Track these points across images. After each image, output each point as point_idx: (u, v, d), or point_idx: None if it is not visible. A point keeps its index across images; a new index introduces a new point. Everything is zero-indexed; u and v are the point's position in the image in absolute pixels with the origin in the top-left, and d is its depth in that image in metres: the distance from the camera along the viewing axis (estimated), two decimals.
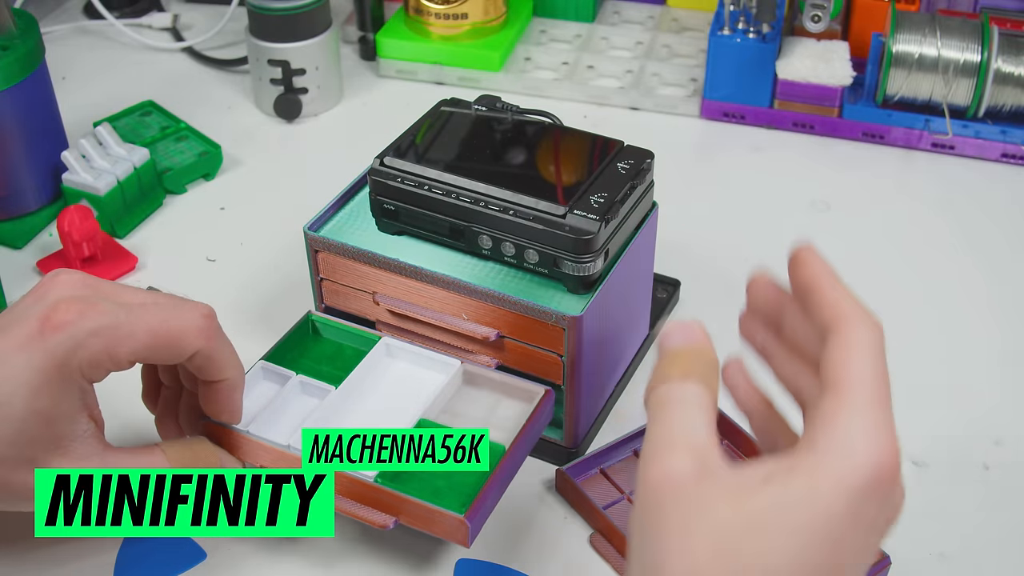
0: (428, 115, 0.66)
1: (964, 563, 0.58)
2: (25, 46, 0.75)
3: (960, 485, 0.62)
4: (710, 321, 0.73)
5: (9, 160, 0.77)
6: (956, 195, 0.84)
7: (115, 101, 0.92)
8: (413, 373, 0.61)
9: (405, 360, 0.61)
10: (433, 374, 0.60)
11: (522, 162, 0.62)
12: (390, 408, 0.58)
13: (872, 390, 0.41)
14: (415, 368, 0.61)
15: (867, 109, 0.88)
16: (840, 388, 0.41)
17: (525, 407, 0.58)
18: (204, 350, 0.53)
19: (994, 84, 0.83)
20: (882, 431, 0.40)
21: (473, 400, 0.59)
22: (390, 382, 0.60)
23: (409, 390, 0.59)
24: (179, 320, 0.52)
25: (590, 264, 0.58)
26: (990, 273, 0.77)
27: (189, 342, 0.52)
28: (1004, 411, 0.67)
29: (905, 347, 0.71)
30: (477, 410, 0.59)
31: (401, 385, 0.60)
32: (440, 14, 0.96)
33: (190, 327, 0.52)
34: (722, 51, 0.89)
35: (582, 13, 1.02)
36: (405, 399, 0.59)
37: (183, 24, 1.06)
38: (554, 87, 0.95)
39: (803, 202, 0.83)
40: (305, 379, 0.59)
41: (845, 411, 0.40)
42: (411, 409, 0.57)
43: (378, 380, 0.60)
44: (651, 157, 0.62)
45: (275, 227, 0.80)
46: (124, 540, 0.59)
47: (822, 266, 0.46)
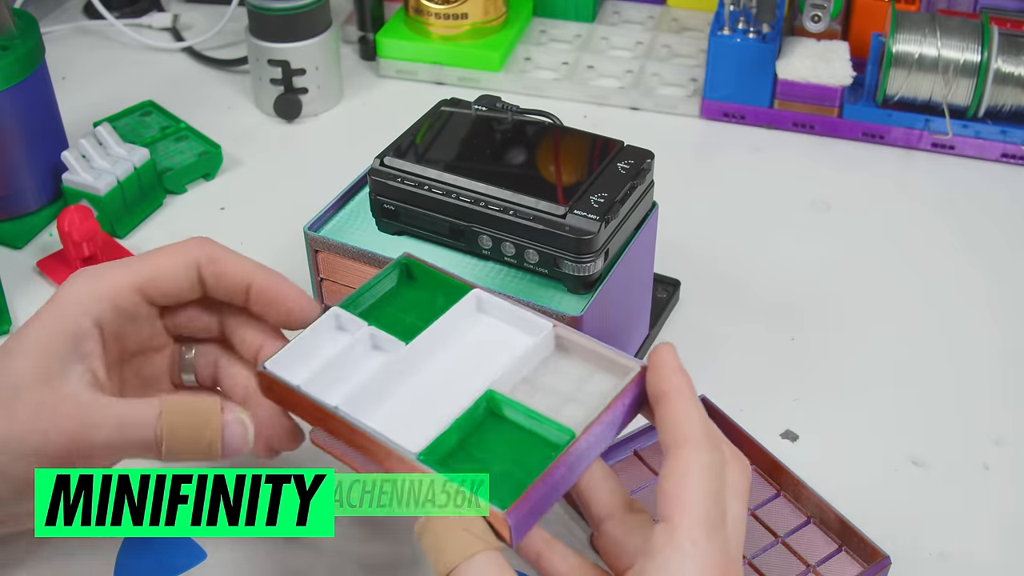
0: (428, 115, 0.66)
1: (964, 563, 0.58)
2: (25, 46, 0.75)
3: (960, 485, 0.62)
4: (710, 321, 0.73)
5: (9, 160, 0.77)
6: (956, 195, 0.84)
7: (115, 101, 0.92)
8: (500, 333, 0.54)
9: (495, 316, 0.55)
10: (521, 336, 0.53)
11: (522, 162, 0.62)
12: (460, 372, 0.52)
13: (701, 520, 0.43)
14: (504, 327, 0.54)
15: (867, 109, 0.88)
16: (671, 521, 0.43)
17: (618, 384, 0.50)
18: (204, 253, 0.54)
19: (994, 84, 0.83)
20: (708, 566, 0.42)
21: (562, 371, 0.52)
22: (471, 341, 0.54)
23: (488, 353, 0.53)
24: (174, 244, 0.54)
25: (590, 264, 0.58)
26: (990, 273, 0.77)
27: (184, 251, 0.54)
28: (1004, 411, 0.67)
29: (905, 347, 0.71)
30: (563, 382, 0.51)
31: (481, 346, 0.53)
32: (440, 14, 0.96)
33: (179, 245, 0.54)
34: (722, 51, 0.89)
35: (582, 13, 1.02)
36: (481, 363, 0.52)
37: (183, 24, 1.06)
38: (554, 87, 0.95)
39: (803, 202, 0.83)
40: (376, 332, 0.53)
41: (672, 548, 0.42)
42: (482, 376, 0.50)
43: (459, 337, 0.54)
44: (651, 157, 0.62)
45: (275, 227, 0.80)
46: (124, 540, 0.59)
47: (676, 379, 0.47)
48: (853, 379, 0.69)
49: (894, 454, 0.64)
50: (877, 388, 0.68)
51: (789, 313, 0.73)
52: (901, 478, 0.63)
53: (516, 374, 0.51)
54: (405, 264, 0.57)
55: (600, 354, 0.51)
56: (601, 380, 0.51)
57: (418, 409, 0.50)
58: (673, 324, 0.73)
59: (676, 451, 0.44)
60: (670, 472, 0.44)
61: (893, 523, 0.59)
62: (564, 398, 0.50)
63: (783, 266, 0.78)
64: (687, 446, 0.44)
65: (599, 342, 0.51)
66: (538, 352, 0.52)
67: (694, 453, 0.44)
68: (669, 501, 0.43)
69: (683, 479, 0.44)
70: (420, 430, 0.48)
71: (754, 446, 0.60)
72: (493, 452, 0.48)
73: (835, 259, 0.78)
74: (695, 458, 0.44)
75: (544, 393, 0.50)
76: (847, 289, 0.75)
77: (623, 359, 0.50)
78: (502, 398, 0.49)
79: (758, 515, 0.59)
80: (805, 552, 0.57)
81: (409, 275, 0.57)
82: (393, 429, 0.48)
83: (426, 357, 0.53)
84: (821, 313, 0.73)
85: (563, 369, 0.52)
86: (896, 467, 0.63)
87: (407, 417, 0.50)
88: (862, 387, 0.68)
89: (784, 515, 0.59)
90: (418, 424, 0.48)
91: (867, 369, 0.69)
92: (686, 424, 0.45)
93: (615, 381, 0.50)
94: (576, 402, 0.49)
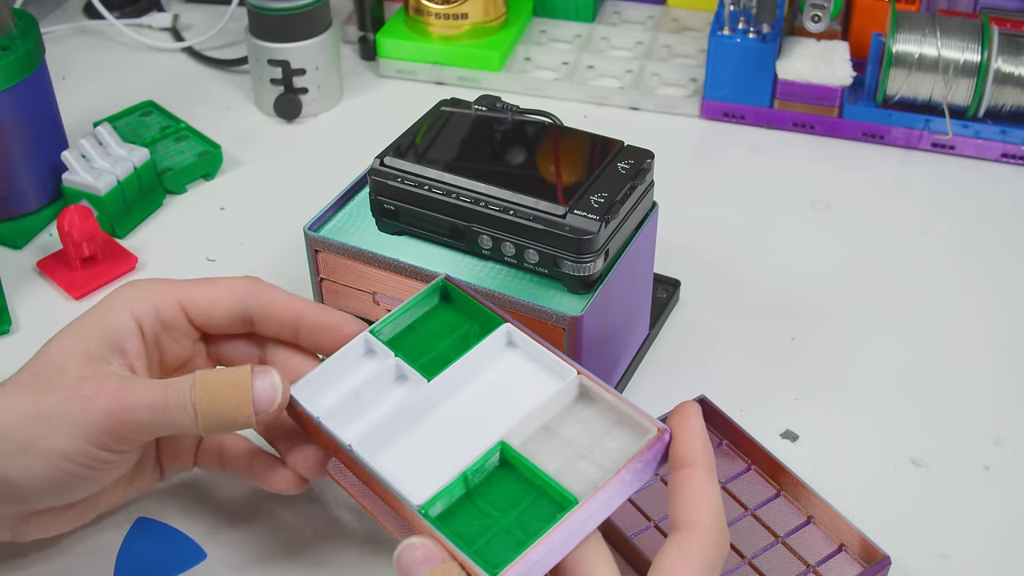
0: (428, 115, 0.66)
1: (964, 563, 0.58)
2: (25, 46, 0.75)
3: (960, 485, 0.62)
4: (710, 321, 0.73)
5: (9, 160, 0.77)
6: (956, 195, 0.84)
7: (115, 101, 0.92)
8: (525, 373, 0.53)
9: (523, 355, 0.54)
10: (546, 378, 0.52)
11: (522, 162, 0.62)
12: (479, 415, 0.51)
13: None
14: (530, 367, 0.53)
15: (867, 109, 0.88)
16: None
17: (634, 445, 0.48)
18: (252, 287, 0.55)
19: (994, 84, 0.83)
20: None
21: (583, 420, 0.51)
22: (495, 381, 0.53)
23: (510, 396, 0.52)
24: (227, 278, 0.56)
25: (590, 264, 0.58)
26: (990, 273, 0.77)
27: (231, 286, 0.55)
28: (1004, 411, 0.67)
29: (905, 347, 0.71)
30: (582, 434, 0.50)
31: (505, 388, 0.53)
32: (440, 14, 0.96)
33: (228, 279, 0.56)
34: (722, 51, 0.89)
35: (582, 13, 1.02)
36: (501, 406, 0.51)
37: (183, 24, 1.06)
38: (554, 87, 0.95)
39: (803, 202, 0.83)
40: (401, 363, 0.53)
41: None
42: (500, 422, 0.50)
43: (483, 375, 0.53)
44: (651, 157, 0.62)
45: (275, 227, 0.80)
46: (124, 540, 0.59)
47: (702, 453, 0.47)
48: (853, 379, 0.69)
49: (894, 454, 0.64)
50: (877, 388, 0.68)
51: (789, 313, 0.73)
52: (901, 478, 0.63)
53: (535, 421, 0.50)
54: (443, 287, 0.57)
55: (619, 409, 0.50)
56: (619, 437, 0.49)
57: (431, 454, 0.50)
58: (673, 324, 0.73)
59: (686, 534, 0.45)
60: (675, 556, 0.45)
61: (893, 523, 0.59)
62: (579, 453, 0.49)
63: (783, 266, 0.78)
64: (698, 531, 0.45)
65: (621, 397, 0.50)
66: (559, 400, 0.51)
67: (703, 544, 0.45)
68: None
69: (691, 565, 0.45)
70: (429, 477, 0.48)
71: (754, 446, 0.60)
72: (500, 506, 0.47)
73: (835, 259, 0.78)
74: (700, 551, 0.45)
75: (561, 443, 0.49)
76: (847, 289, 0.76)
77: (642, 419, 0.49)
78: (513, 453, 0.49)
79: (758, 515, 0.59)
80: (805, 552, 0.57)
81: (446, 297, 0.57)
82: (402, 474, 0.48)
83: (447, 396, 0.52)
84: (821, 313, 0.74)
85: (584, 419, 0.51)
86: (896, 467, 0.63)
87: (418, 462, 0.50)
88: (862, 387, 0.68)
89: (784, 515, 0.59)
90: (428, 470, 0.48)
91: (867, 369, 0.69)
92: (704, 509, 0.46)
93: (632, 440, 0.49)
94: (589, 460, 0.48)
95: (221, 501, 0.61)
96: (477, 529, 0.46)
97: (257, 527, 0.60)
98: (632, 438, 0.49)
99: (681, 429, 0.48)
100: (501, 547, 0.45)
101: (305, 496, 0.61)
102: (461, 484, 0.48)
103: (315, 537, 0.59)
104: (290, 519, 0.60)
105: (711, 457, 0.47)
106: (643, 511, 0.59)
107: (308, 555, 0.58)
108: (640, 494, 0.60)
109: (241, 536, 0.59)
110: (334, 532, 0.59)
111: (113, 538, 0.59)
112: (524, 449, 0.49)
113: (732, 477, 0.60)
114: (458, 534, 0.46)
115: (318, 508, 0.60)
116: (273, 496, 0.61)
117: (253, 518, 0.60)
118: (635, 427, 0.49)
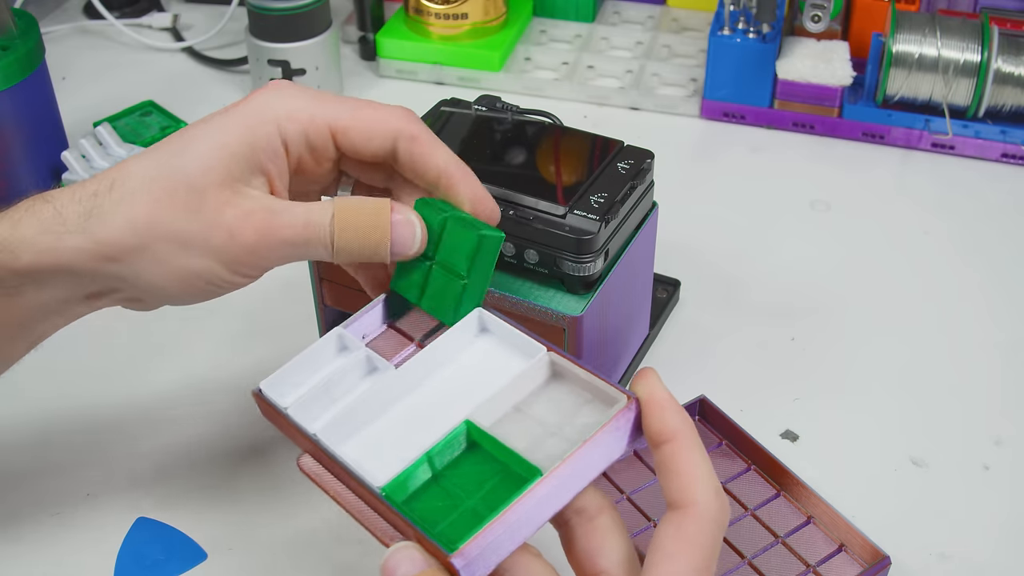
0: (428, 115, 0.66)
1: (964, 563, 0.58)
2: (25, 46, 0.75)
3: (960, 485, 0.62)
4: (710, 321, 0.73)
5: (9, 160, 0.77)
6: (956, 195, 0.84)
7: (115, 101, 0.92)
8: (497, 355, 0.51)
9: (495, 339, 0.52)
10: (518, 360, 0.51)
11: (522, 162, 0.62)
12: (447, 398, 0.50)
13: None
14: (502, 349, 0.52)
15: (867, 109, 0.88)
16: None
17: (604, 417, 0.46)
18: (407, 130, 0.52)
19: (994, 84, 0.83)
20: None
21: (554, 399, 0.49)
22: (465, 364, 0.52)
23: (480, 378, 0.50)
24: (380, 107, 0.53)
25: (590, 264, 0.58)
26: (990, 273, 0.77)
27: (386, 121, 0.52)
28: (1004, 411, 0.67)
29: (905, 347, 0.71)
30: (553, 412, 0.48)
31: (475, 370, 0.51)
32: (440, 14, 0.96)
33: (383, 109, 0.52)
34: (722, 51, 0.89)
35: (582, 13, 1.02)
36: (470, 389, 0.50)
37: (183, 24, 1.06)
38: (554, 87, 0.95)
39: (803, 202, 0.83)
40: (372, 354, 0.52)
41: None
42: (468, 404, 0.48)
43: (453, 360, 0.52)
44: (651, 157, 0.62)
45: None
46: (124, 540, 0.59)
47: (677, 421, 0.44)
48: (853, 379, 0.69)
49: (894, 454, 0.64)
50: (877, 388, 0.68)
51: (789, 313, 0.73)
52: (901, 478, 0.63)
53: (505, 401, 0.48)
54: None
55: (590, 383, 0.48)
56: (590, 412, 0.48)
57: (397, 439, 0.49)
58: (673, 324, 0.73)
59: (683, 513, 0.43)
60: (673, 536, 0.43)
61: (893, 523, 0.59)
62: (549, 431, 0.47)
63: (783, 266, 0.78)
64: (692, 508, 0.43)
65: (591, 370, 0.48)
66: (529, 379, 0.49)
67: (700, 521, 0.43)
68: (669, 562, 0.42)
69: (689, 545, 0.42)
70: (393, 461, 0.47)
71: (754, 446, 0.60)
72: (466, 486, 0.46)
73: (835, 259, 0.78)
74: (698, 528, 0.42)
75: (531, 423, 0.48)
76: (847, 289, 0.76)
77: (611, 390, 0.47)
78: (480, 432, 0.47)
79: (758, 515, 0.59)
80: (805, 552, 0.57)
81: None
82: (366, 459, 0.47)
83: (416, 384, 0.51)
84: (821, 313, 0.74)
85: (556, 397, 0.49)
86: (896, 467, 0.63)
87: (384, 447, 0.49)
88: (862, 387, 0.68)
89: (784, 515, 0.59)
90: (393, 454, 0.47)
91: (867, 369, 0.69)
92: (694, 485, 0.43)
93: (603, 413, 0.47)
94: (559, 436, 0.47)
95: (221, 501, 0.61)
96: (441, 511, 0.45)
97: (257, 527, 0.60)
98: (604, 411, 0.47)
99: (649, 403, 0.45)
100: (465, 526, 0.44)
101: (306, 496, 0.61)
102: (426, 465, 0.47)
103: (315, 537, 0.59)
104: (291, 519, 0.60)
105: (689, 425, 0.44)
106: (643, 511, 0.59)
107: (308, 555, 0.58)
108: (639, 494, 0.60)
109: (241, 536, 0.59)
110: (334, 532, 0.59)
111: (113, 538, 0.59)
112: (493, 430, 0.47)
113: (732, 477, 0.60)
114: (422, 516, 0.45)
115: (318, 508, 0.60)
116: (273, 496, 0.61)
117: (254, 518, 0.60)
118: (606, 399, 0.47)
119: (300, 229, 0.50)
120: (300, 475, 0.62)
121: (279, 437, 0.64)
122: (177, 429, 0.65)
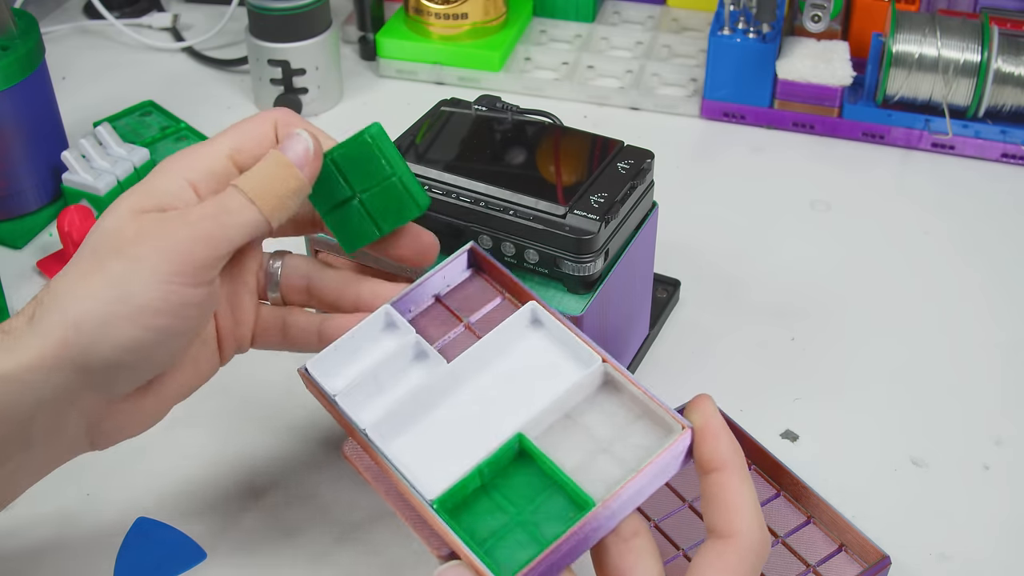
0: (428, 115, 0.66)
1: (964, 563, 0.58)
2: (25, 46, 0.75)
3: (960, 485, 0.62)
4: (710, 321, 0.73)
5: (9, 160, 0.77)
6: (956, 195, 0.84)
7: (115, 101, 0.92)
8: (549, 357, 0.51)
9: (547, 337, 0.52)
10: (569, 364, 0.50)
11: (522, 162, 0.62)
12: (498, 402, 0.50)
13: None
14: (554, 351, 0.51)
15: (867, 109, 0.88)
16: None
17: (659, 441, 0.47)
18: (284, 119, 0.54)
19: (994, 84, 0.83)
20: None
21: (606, 411, 0.49)
22: (516, 364, 0.51)
23: (532, 381, 0.50)
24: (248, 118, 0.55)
25: (590, 264, 0.58)
26: (990, 273, 0.77)
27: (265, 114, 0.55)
28: (1004, 411, 0.67)
29: (905, 347, 0.71)
30: (604, 425, 0.48)
31: (526, 372, 0.51)
32: (440, 14, 0.96)
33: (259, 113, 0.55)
34: (722, 51, 0.89)
35: (582, 13, 1.02)
36: (522, 392, 0.50)
37: (183, 24, 1.06)
38: (554, 87, 0.95)
39: (803, 202, 0.83)
40: (421, 341, 0.52)
41: None
42: (520, 409, 0.48)
43: (505, 358, 0.51)
44: (651, 157, 0.62)
45: None
46: (124, 540, 0.59)
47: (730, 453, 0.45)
48: (853, 379, 0.69)
49: (894, 454, 0.64)
50: (877, 388, 0.68)
51: (789, 313, 0.73)
52: (901, 478, 0.63)
53: (556, 410, 0.49)
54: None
55: (644, 403, 0.48)
56: (642, 432, 0.48)
57: (447, 443, 0.49)
58: (673, 324, 0.73)
59: (725, 542, 0.44)
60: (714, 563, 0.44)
61: (893, 523, 0.59)
62: (600, 446, 0.47)
63: (783, 266, 0.78)
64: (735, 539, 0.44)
65: (645, 390, 0.48)
66: (582, 389, 0.49)
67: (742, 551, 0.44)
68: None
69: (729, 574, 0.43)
70: (444, 469, 0.47)
71: (754, 446, 0.60)
72: (516, 500, 0.46)
73: (835, 259, 0.78)
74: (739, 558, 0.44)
75: (582, 435, 0.48)
76: (847, 289, 0.76)
77: (666, 416, 0.47)
78: (531, 446, 0.47)
79: None
80: (805, 552, 0.57)
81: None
82: (416, 464, 0.48)
83: (466, 379, 0.51)
84: (821, 313, 0.74)
85: (607, 409, 0.49)
86: (896, 467, 0.63)
87: (434, 451, 0.49)
88: (862, 387, 0.68)
89: (784, 515, 0.59)
90: (443, 461, 0.47)
91: (867, 369, 0.69)
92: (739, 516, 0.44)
93: (656, 436, 0.47)
94: (610, 455, 0.47)
95: (221, 501, 0.61)
96: (490, 525, 0.46)
97: (257, 527, 0.60)
98: (655, 434, 0.47)
99: (704, 429, 0.46)
100: (514, 545, 0.45)
101: (306, 496, 0.61)
102: (476, 478, 0.47)
103: (316, 537, 0.59)
104: (291, 519, 0.60)
105: (740, 456, 0.45)
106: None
107: (309, 555, 0.58)
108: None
109: (241, 536, 0.59)
110: (334, 532, 0.59)
111: (113, 538, 0.59)
112: (543, 441, 0.47)
113: None
114: (470, 530, 0.45)
115: (319, 508, 0.60)
116: (273, 496, 0.61)
117: (253, 518, 0.60)
118: (658, 422, 0.47)
119: (213, 207, 0.50)
120: (300, 475, 0.63)
121: (279, 437, 0.65)
122: (177, 429, 0.65)
